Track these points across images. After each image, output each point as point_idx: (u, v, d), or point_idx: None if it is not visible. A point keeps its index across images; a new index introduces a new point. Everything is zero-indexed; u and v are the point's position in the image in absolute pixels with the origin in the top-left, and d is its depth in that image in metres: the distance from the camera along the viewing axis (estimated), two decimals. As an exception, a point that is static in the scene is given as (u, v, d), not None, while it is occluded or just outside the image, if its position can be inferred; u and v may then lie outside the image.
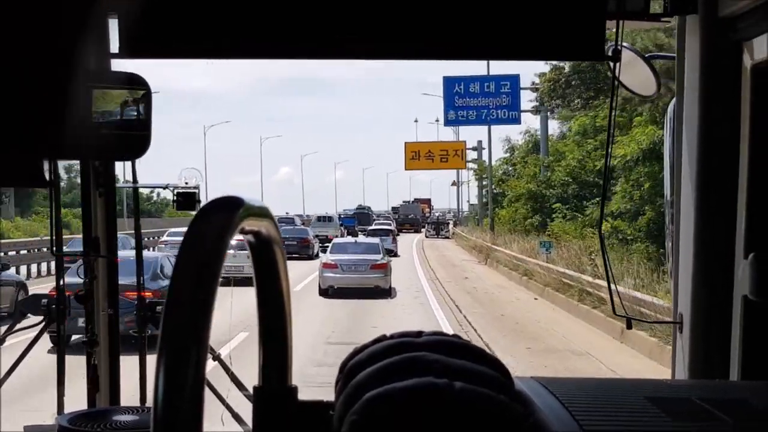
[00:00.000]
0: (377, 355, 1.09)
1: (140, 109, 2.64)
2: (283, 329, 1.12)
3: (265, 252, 1.07)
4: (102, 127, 2.58)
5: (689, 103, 2.59)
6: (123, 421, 2.51)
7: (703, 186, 2.54)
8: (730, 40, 2.47)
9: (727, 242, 2.48)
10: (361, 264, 26.50)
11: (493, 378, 1.04)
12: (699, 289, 2.55)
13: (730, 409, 1.12)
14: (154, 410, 0.82)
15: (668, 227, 2.92)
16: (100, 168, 3.26)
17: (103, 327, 3.36)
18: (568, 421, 1.07)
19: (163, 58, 2.77)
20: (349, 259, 26.83)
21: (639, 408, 1.15)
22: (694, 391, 1.26)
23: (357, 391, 1.02)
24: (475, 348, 1.11)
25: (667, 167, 2.87)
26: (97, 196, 3.28)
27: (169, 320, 0.84)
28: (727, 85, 2.48)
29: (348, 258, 26.92)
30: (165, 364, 0.83)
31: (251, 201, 0.97)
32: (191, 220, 0.93)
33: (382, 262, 27.15)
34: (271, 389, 1.13)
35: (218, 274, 0.88)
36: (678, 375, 2.68)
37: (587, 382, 1.42)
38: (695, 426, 1.07)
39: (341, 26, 2.62)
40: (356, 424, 0.98)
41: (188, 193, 3.71)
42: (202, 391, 0.84)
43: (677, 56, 2.66)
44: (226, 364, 3.57)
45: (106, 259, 3.34)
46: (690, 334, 2.57)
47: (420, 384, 0.98)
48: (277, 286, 1.10)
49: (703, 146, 2.53)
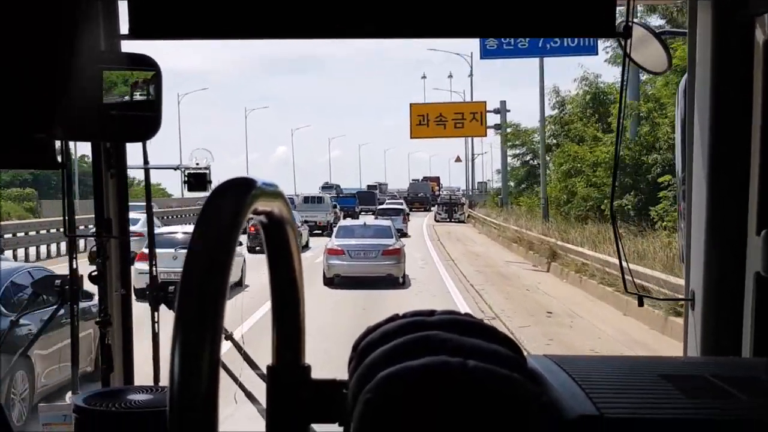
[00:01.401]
0: (390, 334, 1.09)
1: (150, 91, 2.64)
2: (296, 308, 1.13)
3: (277, 232, 1.08)
4: (112, 108, 2.59)
5: (701, 79, 2.57)
6: (137, 401, 2.53)
7: (714, 163, 2.53)
8: (742, 15, 2.45)
9: (739, 219, 2.47)
10: (372, 249, 23.81)
11: (506, 357, 1.04)
12: (711, 266, 2.54)
13: (744, 386, 1.12)
14: (170, 390, 0.83)
15: (680, 205, 2.91)
16: (111, 149, 3.27)
17: (116, 307, 3.39)
18: (582, 398, 1.07)
19: (173, 39, 2.77)
20: (357, 244, 24.15)
21: (653, 385, 1.15)
22: (708, 368, 1.26)
23: (370, 370, 1.02)
24: (488, 327, 1.11)
25: (679, 144, 2.86)
26: (108, 177, 3.29)
27: (184, 301, 0.85)
28: (738, 61, 2.46)
29: (356, 243, 24.24)
30: (180, 345, 0.84)
31: (263, 181, 0.97)
32: (204, 201, 0.93)
33: (395, 246, 24.27)
34: (285, 368, 1.14)
35: (232, 255, 0.88)
36: (690, 352, 2.68)
37: (600, 359, 1.43)
38: (709, 403, 1.08)
39: (354, 4, 2.61)
40: (370, 403, 0.98)
41: (199, 174, 3.72)
42: (218, 370, 0.85)
43: (688, 32, 2.64)
44: (239, 343, 3.59)
45: (118, 239, 3.36)
46: (702, 311, 2.56)
47: (433, 362, 0.99)
48: (290, 266, 1.11)
49: (714, 123, 2.51)
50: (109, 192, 3.31)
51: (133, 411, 2.47)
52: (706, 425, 1.04)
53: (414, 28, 2.65)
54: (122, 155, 3.31)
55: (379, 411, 0.98)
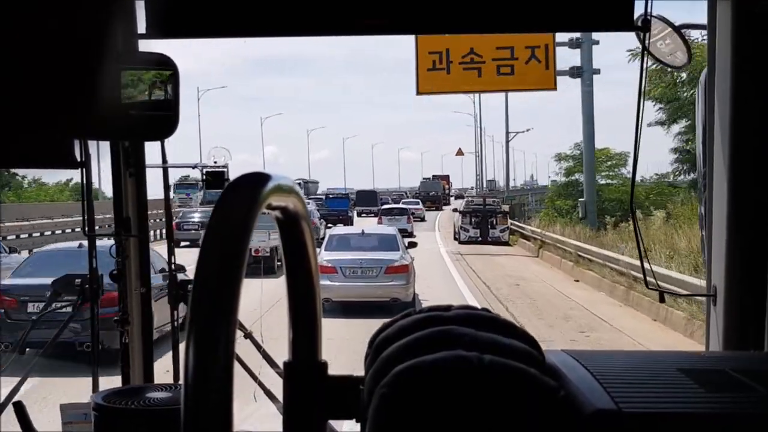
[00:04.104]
0: (406, 329, 1.09)
1: (168, 90, 2.65)
2: (312, 305, 1.12)
3: (292, 228, 1.07)
4: (131, 107, 2.60)
5: (721, 74, 2.55)
6: (156, 398, 2.54)
7: (736, 158, 2.50)
8: (762, 6, 2.42)
9: (761, 214, 2.44)
10: (371, 266, 18.03)
11: (523, 351, 1.03)
12: (733, 261, 2.52)
13: (765, 380, 1.11)
14: (184, 387, 0.83)
15: (701, 200, 2.88)
16: (130, 149, 3.29)
17: (136, 305, 3.40)
18: (600, 393, 1.06)
19: (191, 38, 2.77)
20: (353, 259, 18.19)
21: (672, 380, 1.14)
22: (728, 362, 1.24)
23: (386, 365, 1.02)
24: (504, 321, 1.11)
25: (700, 137, 2.83)
26: (127, 176, 3.31)
27: (198, 297, 0.85)
28: (759, 54, 2.43)
29: (352, 258, 18.23)
30: (194, 341, 0.83)
31: (278, 176, 0.97)
32: (219, 196, 0.93)
33: (402, 263, 18.24)
34: (301, 364, 1.13)
35: (245, 251, 0.88)
36: (712, 348, 2.66)
37: (618, 354, 1.41)
38: (729, 397, 1.06)
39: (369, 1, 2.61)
40: (386, 397, 0.98)
41: (217, 172, 3.73)
42: (232, 366, 0.84)
43: (708, 25, 2.62)
44: (258, 341, 3.59)
45: (137, 238, 3.37)
46: (724, 306, 2.54)
47: (449, 357, 0.98)
48: (306, 262, 1.10)
49: (735, 117, 2.49)
50: (128, 191, 3.33)
51: (152, 409, 2.47)
52: (726, 419, 1.02)
53: (427, 23, 2.64)
54: (141, 154, 3.33)
55: (395, 405, 0.97)
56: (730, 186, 2.51)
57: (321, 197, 55.12)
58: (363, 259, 18.20)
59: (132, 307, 3.38)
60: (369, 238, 19.78)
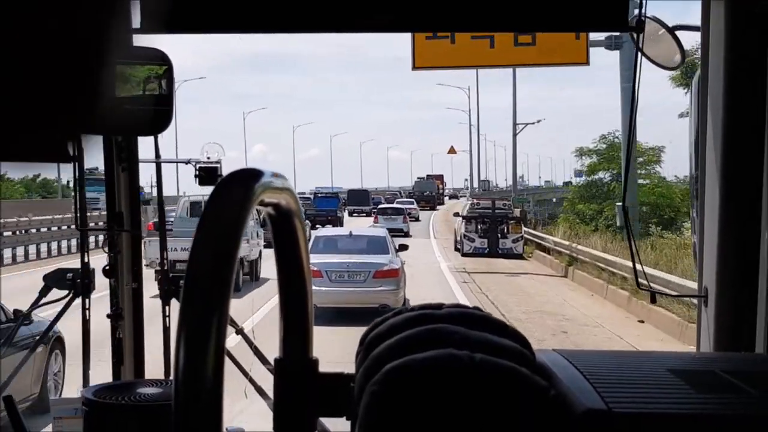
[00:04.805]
0: (397, 327, 1.09)
1: (162, 85, 2.65)
2: (303, 301, 1.12)
3: (285, 224, 1.07)
4: (125, 102, 2.60)
5: (714, 75, 2.55)
6: (147, 394, 2.53)
7: (728, 159, 2.51)
8: (756, 8, 2.42)
9: (752, 215, 2.45)
10: (359, 270, 17.22)
11: (514, 350, 1.03)
12: (724, 262, 2.52)
13: (754, 381, 1.11)
14: (175, 382, 0.83)
15: (692, 201, 2.89)
16: (123, 143, 3.28)
17: (128, 301, 3.40)
18: (590, 393, 1.06)
19: (187, 32, 2.77)
20: (340, 262, 17.30)
21: (662, 380, 1.14)
22: (718, 363, 1.25)
23: (377, 363, 1.02)
24: (495, 320, 1.11)
25: (692, 140, 2.83)
26: (120, 171, 3.30)
27: (189, 293, 0.85)
28: (753, 55, 2.44)
29: (339, 261, 17.36)
30: (185, 337, 0.83)
31: (270, 173, 0.97)
32: (210, 193, 0.93)
33: (392, 267, 17.49)
34: (292, 361, 1.13)
35: (237, 247, 0.88)
36: (703, 349, 2.66)
37: (609, 354, 1.41)
38: (719, 398, 1.07)
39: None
40: (376, 395, 0.98)
41: (210, 168, 3.72)
42: (222, 362, 0.84)
43: (701, 26, 2.62)
44: (249, 338, 3.59)
45: (129, 233, 3.37)
46: (715, 307, 2.55)
47: (440, 355, 0.98)
48: (298, 259, 1.10)
49: (728, 119, 2.49)
50: (120, 186, 3.32)
51: (142, 404, 2.47)
52: (715, 420, 1.02)
53: (424, 22, 2.64)
54: (134, 149, 3.32)
55: (386, 403, 0.97)
56: (722, 188, 2.52)
57: (309, 197, 52.54)
58: (350, 262, 17.37)
59: (124, 302, 3.37)
60: (357, 240, 18.98)
